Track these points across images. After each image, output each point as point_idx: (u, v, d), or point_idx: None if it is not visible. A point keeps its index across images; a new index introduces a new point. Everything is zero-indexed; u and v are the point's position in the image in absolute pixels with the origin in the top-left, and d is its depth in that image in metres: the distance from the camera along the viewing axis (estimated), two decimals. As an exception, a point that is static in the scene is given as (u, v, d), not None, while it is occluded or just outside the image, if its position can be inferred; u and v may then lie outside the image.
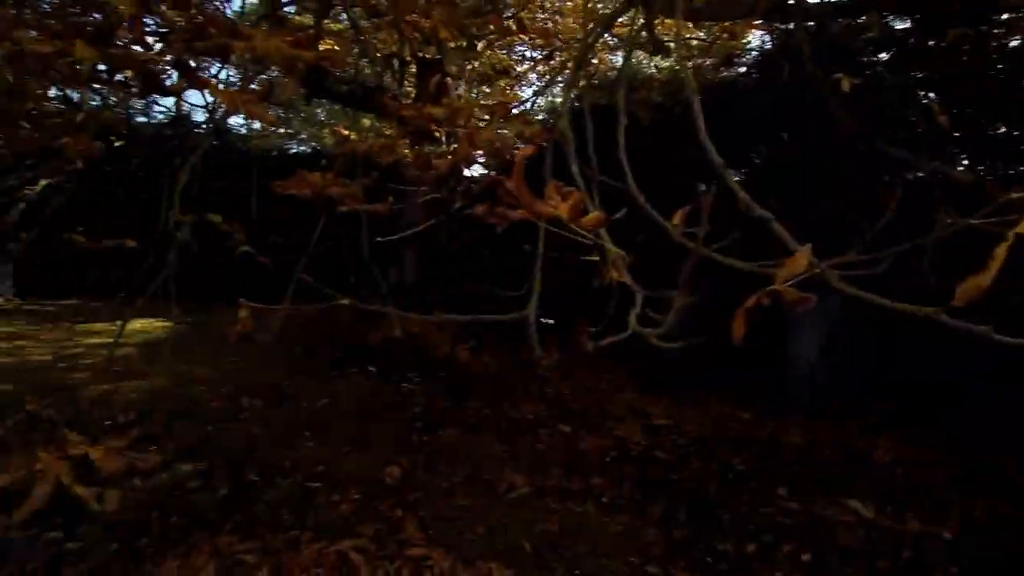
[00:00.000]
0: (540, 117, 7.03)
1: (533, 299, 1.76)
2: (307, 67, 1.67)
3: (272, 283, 2.60)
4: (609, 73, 6.91)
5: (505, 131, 1.78)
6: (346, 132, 3.79)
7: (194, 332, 7.06)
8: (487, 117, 1.94)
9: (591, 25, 2.13)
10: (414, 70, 7.45)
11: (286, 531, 3.02)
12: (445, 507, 3.24)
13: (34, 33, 1.80)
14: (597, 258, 1.35)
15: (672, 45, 3.54)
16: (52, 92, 2.95)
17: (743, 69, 6.22)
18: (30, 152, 3.14)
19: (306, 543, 2.90)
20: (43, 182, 3.94)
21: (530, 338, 1.68)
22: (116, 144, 3.11)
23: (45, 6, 2.57)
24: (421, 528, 3.00)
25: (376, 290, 2.21)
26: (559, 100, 8.11)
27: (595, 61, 5.81)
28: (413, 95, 8.14)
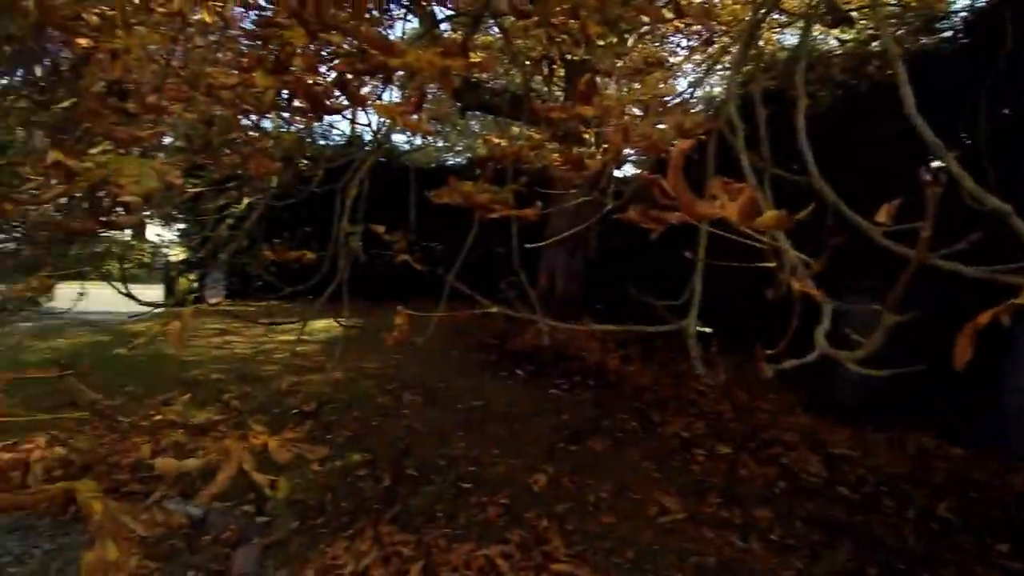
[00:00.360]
0: (699, 109, 6.64)
1: (693, 310, 1.60)
2: (460, 77, 1.67)
3: (432, 284, 2.73)
4: (778, 54, 6.30)
5: (662, 124, 1.63)
6: (496, 140, 3.86)
7: (365, 330, 7.69)
8: (641, 113, 1.80)
9: (759, 0, 1.92)
10: (563, 73, 7.45)
11: (439, 528, 3.12)
12: (591, 523, 3.13)
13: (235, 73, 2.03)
14: (773, 264, 1.17)
15: (855, 15, 3.09)
16: (249, 122, 3.35)
17: (948, 34, 5.30)
18: (233, 175, 3.62)
19: (457, 543, 2.97)
20: (246, 200, 4.51)
21: (691, 352, 1.53)
22: (301, 165, 3.46)
23: (242, 47, 2.90)
24: (566, 542, 2.92)
25: (525, 296, 2.18)
26: (717, 90, 7.58)
27: (759, 42, 5.31)
28: (562, 99, 8.16)
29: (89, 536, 0.98)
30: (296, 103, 2.04)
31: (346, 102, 1.85)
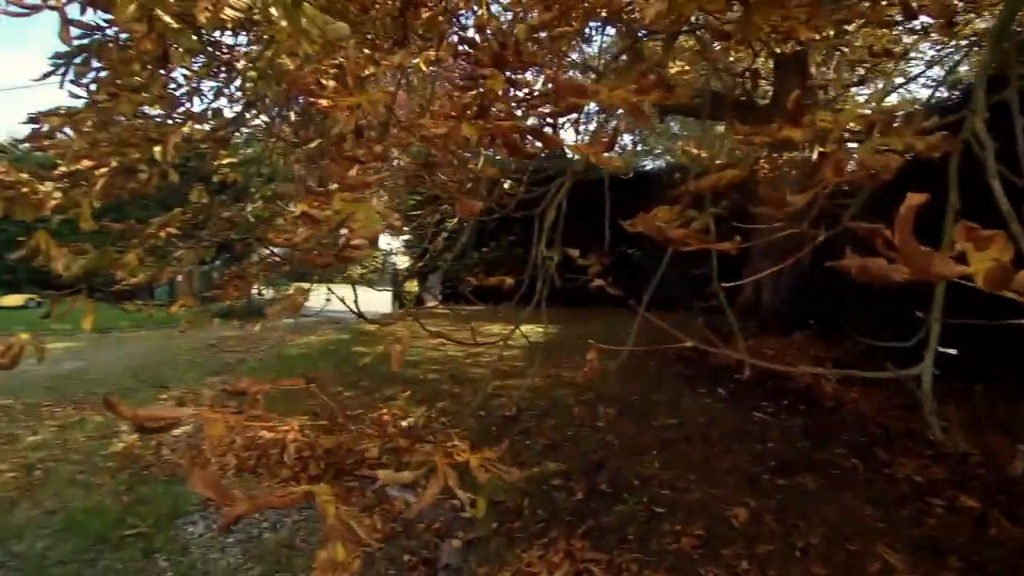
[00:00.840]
0: (940, 93, 5.59)
1: (929, 357, 1.39)
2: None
3: (628, 290, 2.74)
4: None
5: (888, 144, 1.45)
6: (696, 150, 3.69)
7: (563, 337, 7.91)
8: (861, 129, 1.62)
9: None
10: (771, 65, 6.82)
11: (631, 551, 3.09)
12: (798, 571, 2.82)
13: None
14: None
15: None
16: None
17: None
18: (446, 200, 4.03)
19: (649, 570, 2.91)
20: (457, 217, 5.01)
21: (924, 407, 1.31)
22: (503, 187, 3.71)
23: (454, 82, 3.19)
24: (770, 590, 2.69)
25: (724, 311, 2.10)
26: (963, 69, 6.23)
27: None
28: (771, 92, 7.47)
29: (323, 536, 1.15)
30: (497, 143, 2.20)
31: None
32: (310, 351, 8.00)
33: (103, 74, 2.50)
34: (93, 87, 2.52)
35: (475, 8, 2.89)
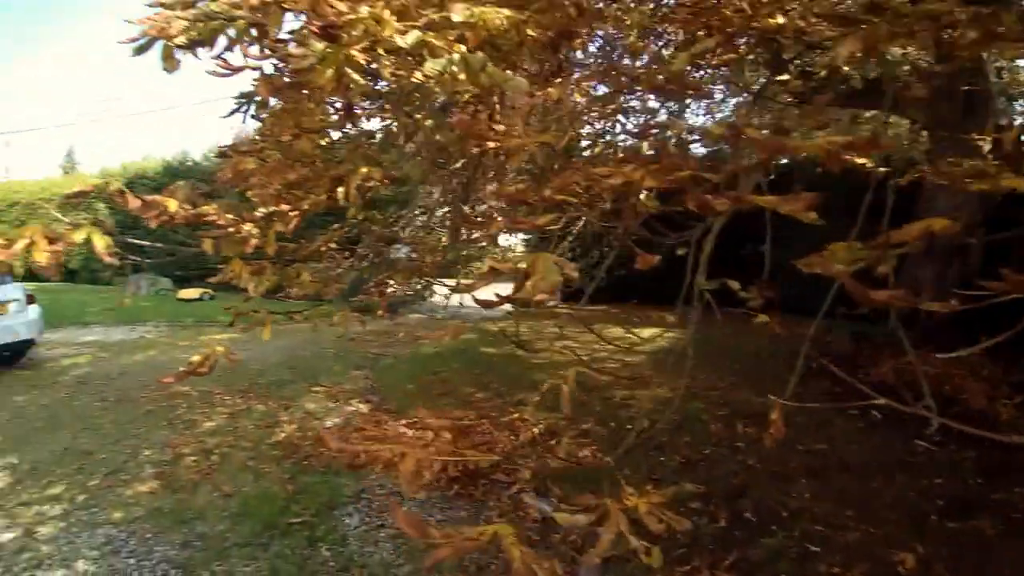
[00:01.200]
0: None
1: None
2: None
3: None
4: None
5: None
6: (851, 156, 3.40)
7: (697, 343, 7.64)
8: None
9: None
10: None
11: (785, 592, 2.98)
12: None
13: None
14: None
15: None
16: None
17: None
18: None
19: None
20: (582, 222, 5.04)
21: None
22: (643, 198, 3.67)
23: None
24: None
25: (866, 320, 1.96)
26: None
27: None
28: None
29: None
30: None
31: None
32: (442, 350, 8.37)
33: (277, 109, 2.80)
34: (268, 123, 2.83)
35: (628, 35, 2.87)
